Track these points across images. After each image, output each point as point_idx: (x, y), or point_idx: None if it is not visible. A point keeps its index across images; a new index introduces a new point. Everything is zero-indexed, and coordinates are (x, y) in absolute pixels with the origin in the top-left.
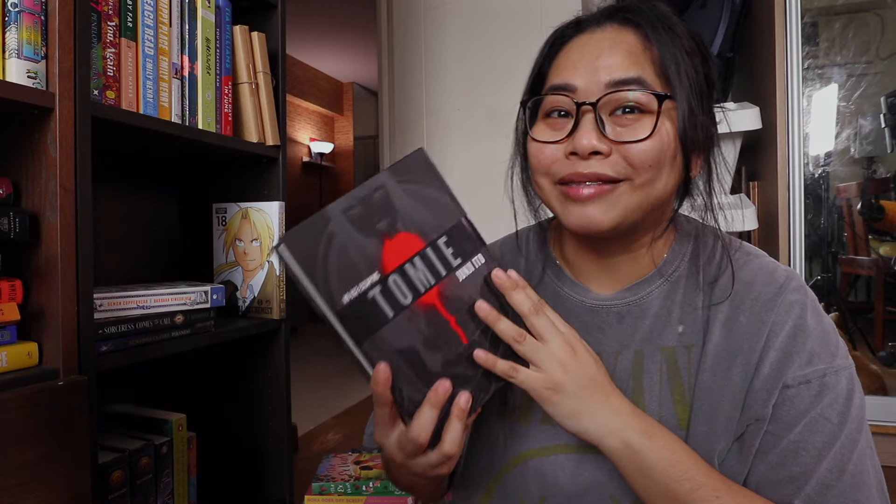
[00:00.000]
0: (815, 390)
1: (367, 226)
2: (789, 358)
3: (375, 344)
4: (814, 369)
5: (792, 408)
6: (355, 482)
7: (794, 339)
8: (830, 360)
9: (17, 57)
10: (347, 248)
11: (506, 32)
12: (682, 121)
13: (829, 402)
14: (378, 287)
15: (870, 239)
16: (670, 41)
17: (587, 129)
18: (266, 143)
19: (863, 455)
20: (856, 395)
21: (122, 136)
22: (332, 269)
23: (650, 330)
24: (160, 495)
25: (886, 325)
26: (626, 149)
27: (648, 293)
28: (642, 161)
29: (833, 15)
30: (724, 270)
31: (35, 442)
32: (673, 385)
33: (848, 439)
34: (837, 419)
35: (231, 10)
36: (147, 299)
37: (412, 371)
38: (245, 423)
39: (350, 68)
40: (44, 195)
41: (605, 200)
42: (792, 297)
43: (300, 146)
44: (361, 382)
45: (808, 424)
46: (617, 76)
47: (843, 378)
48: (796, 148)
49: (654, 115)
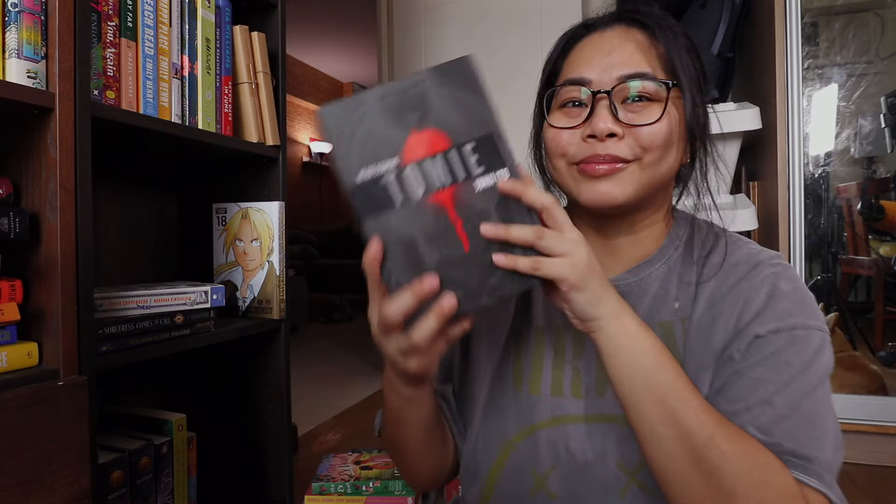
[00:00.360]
0: (784, 340)
1: (397, 114)
2: (763, 314)
3: (377, 224)
4: (784, 323)
5: (759, 352)
6: (355, 482)
7: (770, 300)
8: (803, 319)
9: (17, 57)
10: (374, 129)
11: (506, 32)
12: (688, 107)
13: (796, 351)
14: (393, 174)
15: (870, 239)
16: (674, 39)
17: (603, 114)
18: (266, 143)
19: (820, 404)
20: (824, 355)
21: (122, 136)
22: (356, 145)
23: (650, 308)
24: (160, 495)
25: (886, 325)
26: (637, 132)
27: (648, 274)
28: (651, 142)
29: (833, 15)
30: (715, 250)
31: (35, 442)
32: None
33: (807, 384)
34: (800, 366)
35: (231, 10)
36: (147, 299)
37: (406, 259)
38: (245, 423)
39: (350, 68)
40: (44, 195)
41: (618, 177)
42: (769, 270)
43: (300, 146)
44: (361, 382)
45: (771, 365)
46: (628, 70)
47: (814, 336)
48: (796, 148)
49: (661, 103)
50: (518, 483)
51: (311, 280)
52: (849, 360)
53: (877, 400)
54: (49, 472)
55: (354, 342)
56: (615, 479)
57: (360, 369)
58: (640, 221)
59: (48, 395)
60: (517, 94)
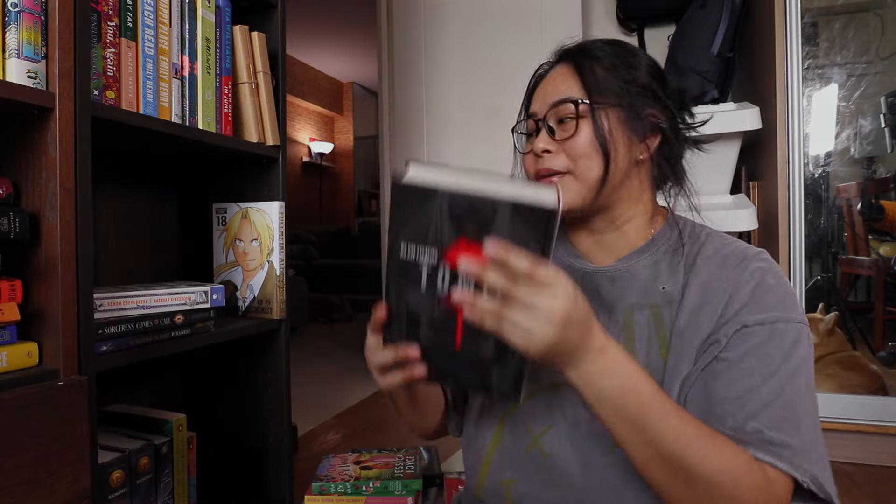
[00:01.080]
0: (768, 332)
1: (459, 218)
2: (750, 305)
3: (397, 291)
4: (768, 315)
5: (746, 342)
6: (355, 482)
7: (756, 292)
8: (785, 313)
9: (17, 57)
10: (433, 218)
11: (506, 32)
12: (596, 118)
13: (777, 343)
14: (429, 266)
15: (870, 239)
16: (593, 65)
17: (540, 136)
18: (266, 143)
19: (800, 390)
20: (801, 346)
21: (122, 136)
22: (416, 221)
23: (639, 291)
24: (160, 495)
25: (886, 325)
26: (564, 146)
27: (637, 262)
28: (574, 153)
29: (833, 15)
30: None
31: (35, 442)
32: (658, 333)
33: (786, 373)
34: (781, 357)
35: (231, 10)
36: (147, 299)
37: (406, 329)
38: (245, 423)
39: (350, 68)
40: (44, 195)
41: (561, 187)
42: (757, 265)
43: (300, 146)
44: (361, 382)
45: (757, 357)
46: (555, 98)
47: (793, 329)
48: (796, 148)
49: (578, 120)
50: (517, 441)
51: (311, 280)
52: (849, 360)
53: (877, 400)
54: (49, 472)
55: (354, 342)
56: (603, 437)
57: (360, 369)
58: (619, 217)
59: (48, 395)
60: (517, 94)
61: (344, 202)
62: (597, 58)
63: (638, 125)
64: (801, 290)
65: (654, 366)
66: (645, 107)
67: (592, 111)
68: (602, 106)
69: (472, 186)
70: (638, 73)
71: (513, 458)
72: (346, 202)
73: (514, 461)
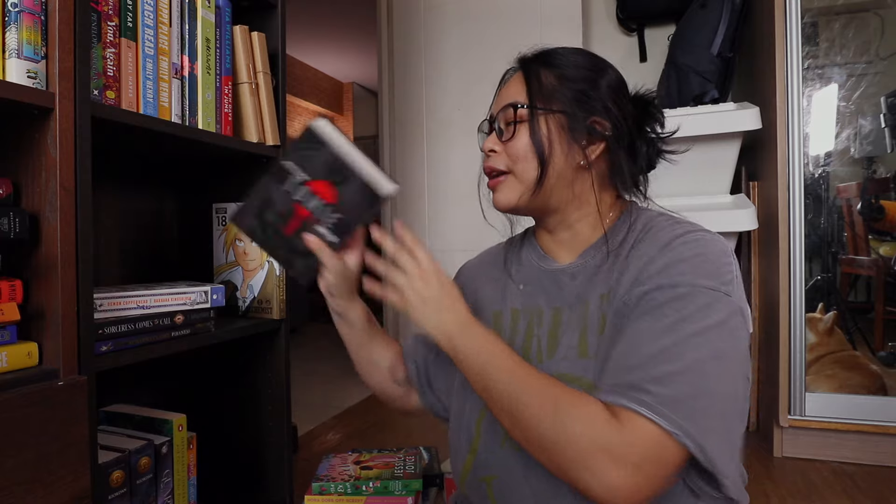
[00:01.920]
0: (668, 294)
1: (329, 167)
2: (658, 275)
3: (266, 184)
4: (671, 280)
5: (645, 305)
6: (355, 482)
7: (668, 262)
8: (692, 280)
9: (17, 57)
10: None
11: (506, 32)
12: (534, 124)
13: (676, 307)
14: (298, 180)
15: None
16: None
17: (490, 136)
18: (266, 143)
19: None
20: (712, 314)
21: (122, 135)
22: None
23: (594, 284)
24: (160, 495)
25: (886, 325)
26: (506, 147)
27: (592, 256)
28: (514, 154)
29: (833, 15)
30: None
31: (35, 442)
32: (600, 318)
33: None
34: (677, 317)
35: (231, 10)
36: (147, 299)
37: (259, 205)
38: (245, 423)
39: (350, 68)
40: (44, 195)
41: (503, 186)
42: (682, 239)
43: None
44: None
45: (652, 316)
46: (505, 102)
47: (701, 295)
48: (796, 148)
49: (521, 124)
50: (492, 436)
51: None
52: (849, 359)
53: (877, 400)
54: (49, 472)
55: None
56: None
57: None
58: (569, 217)
59: (48, 395)
60: None
61: None
62: (550, 65)
63: (579, 132)
64: (801, 290)
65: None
66: (589, 115)
67: (532, 116)
68: (543, 112)
69: (347, 155)
70: (590, 83)
71: (489, 454)
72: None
73: (492, 457)
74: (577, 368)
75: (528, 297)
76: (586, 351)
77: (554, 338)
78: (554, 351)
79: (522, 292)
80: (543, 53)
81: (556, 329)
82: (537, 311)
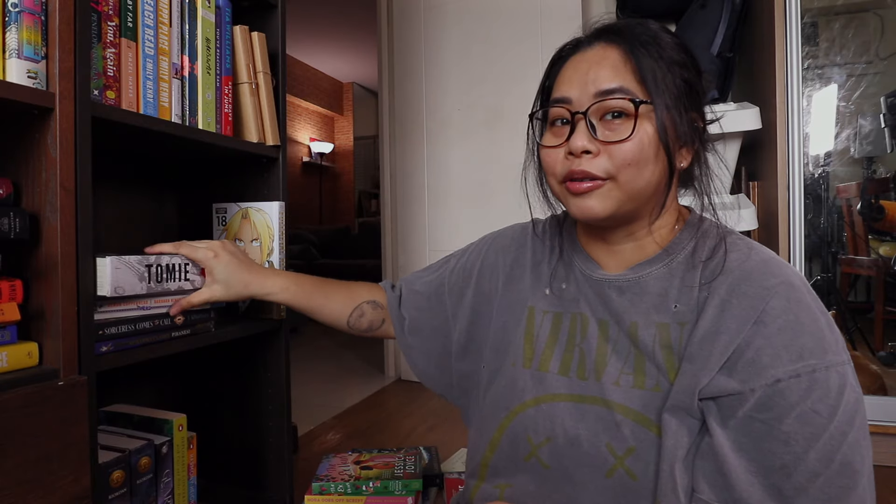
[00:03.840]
0: (806, 384)
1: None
2: (780, 352)
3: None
4: (804, 364)
5: (783, 399)
6: (355, 482)
7: (785, 333)
8: (822, 356)
9: (17, 57)
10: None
11: (506, 32)
12: (659, 122)
13: (820, 396)
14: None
15: (870, 239)
16: (648, 54)
17: (580, 132)
18: (266, 143)
19: (853, 447)
20: (847, 391)
21: (122, 135)
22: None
23: (648, 306)
24: (160, 495)
25: (886, 325)
26: (610, 149)
27: (648, 273)
28: (623, 159)
29: (833, 15)
30: (718, 252)
31: (35, 442)
32: (665, 355)
33: (837, 431)
34: (827, 413)
35: (231, 10)
36: (147, 300)
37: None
38: (245, 423)
39: (350, 68)
40: (44, 195)
41: (599, 194)
42: (787, 292)
43: (300, 146)
44: (361, 382)
45: (798, 416)
46: (603, 87)
47: (835, 374)
48: (796, 148)
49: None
50: (515, 448)
51: None
52: None
53: (877, 400)
54: (49, 472)
55: (354, 342)
56: (604, 459)
57: (360, 369)
58: (640, 230)
59: (48, 395)
60: (516, 94)
61: (344, 202)
62: (644, 43)
63: (684, 131)
64: None
65: (663, 389)
66: (690, 110)
67: (656, 113)
68: (660, 106)
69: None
70: (693, 72)
71: (508, 463)
72: (346, 202)
73: (510, 467)
74: (633, 401)
75: (571, 302)
76: (643, 382)
77: (602, 356)
78: (602, 372)
79: (563, 293)
80: (639, 29)
81: (604, 346)
82: (582, 319)
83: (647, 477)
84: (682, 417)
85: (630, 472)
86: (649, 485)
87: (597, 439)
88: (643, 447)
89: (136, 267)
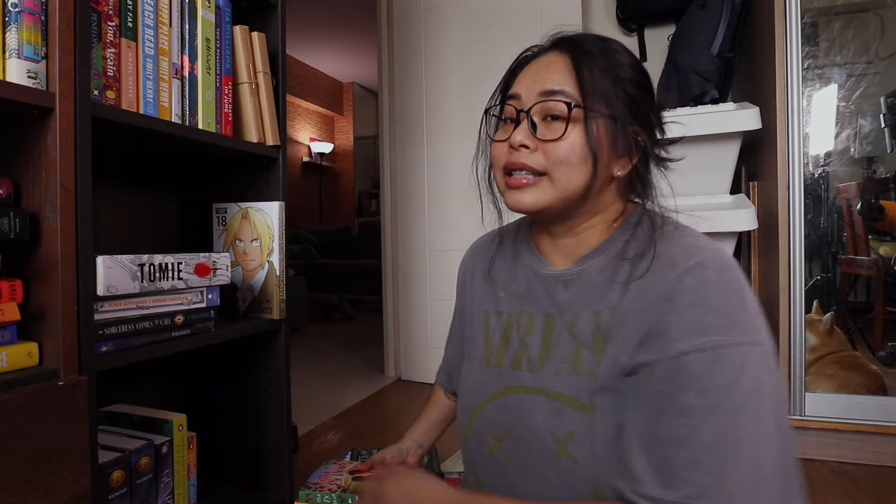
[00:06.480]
0: (709, 359)
1: None
2: (688, 327)
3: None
4: (709, 339)
5: (686, 372)
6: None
7: (696, 310)
8: (728, 334)
9: (18, 57)
10: None
11: (506, 32)
12: (590, 129)
13: (721, 371)
14: None
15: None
16: (594, 65)
17: (521, 128)
18: (266, 143)
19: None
20: (748, 369)
21: (122, 135)
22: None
23: (588, 296)
24: (160, 495)
25: (886, 325)
26: (545, 146)
27: (589, 266)
28: (555, 157)
29: (833, 15)
30: (648, 252)
31: (35, 442)
32: (595, 338)
33: (732, 406)
34: (726, 387)
35: (231, 10)
36: (147, 300)
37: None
38: (245, 423)
39: (350, 68)
40: (44, 195)
41: (531, 189)
42: (702, 272)
43: (300, 146)
44: (361, 382)
45: (700, 390)
46: (546, 87)
47: (737, 351)
48: (796, 148)
49: (568, 122)
50: (480, 443)
51: (311, 280)
52: (849, 359)
53: (877, 400)
54: (49, 472)
55: (354, 342)
56: (549, 446)
57: (360, 369)
58: (579, 225)
59: (48, 395)
60: None
61: (344, 202)
62: (600, 59)
63: (622, 141)
64: (801, 291)
65: (596, 373)
66: (633, 124)
67: (586, 116)
68: (595, 113)
69: None
70: (640, 90)
71: (478, 458)
72: (346, 202)
73: (481, 461)
74: (570, 387)
75: (520, 300)
76: (579, 368)
77: (546, 348)
78: (545, 362)
79: (514, 292)
80: (591, 42)
81: (549, 338)
82: (528, 316)
83: (589, 461)
84: (611, 397)
85: (573, 458)
86: (592, 469)
87: (543, 428)
88: (580, 431)
89: (129, 266)
